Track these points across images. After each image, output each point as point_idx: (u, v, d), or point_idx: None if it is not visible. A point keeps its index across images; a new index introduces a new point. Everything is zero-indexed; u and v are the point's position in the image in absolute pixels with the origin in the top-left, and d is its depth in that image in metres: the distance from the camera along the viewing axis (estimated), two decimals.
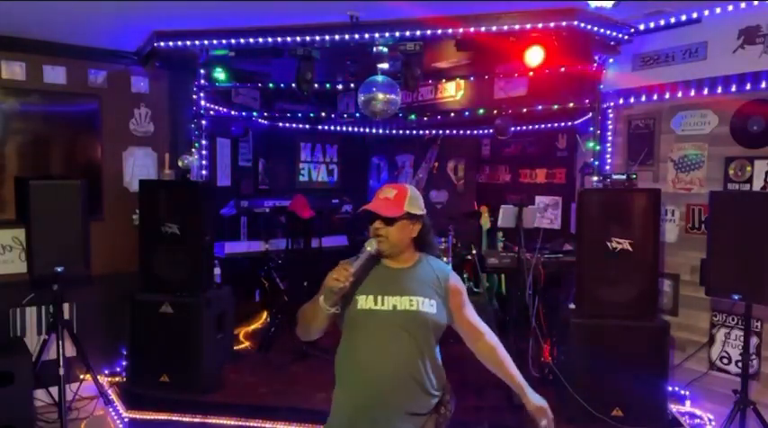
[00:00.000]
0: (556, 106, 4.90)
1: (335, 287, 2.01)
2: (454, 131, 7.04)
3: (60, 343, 3.95)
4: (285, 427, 3.84)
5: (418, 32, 4.02)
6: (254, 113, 6.41)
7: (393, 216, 2.18)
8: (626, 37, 4.21)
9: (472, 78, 5.58)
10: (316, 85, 4.53)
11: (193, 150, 5.02)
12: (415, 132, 7.18)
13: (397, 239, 2.20)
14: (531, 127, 6.18)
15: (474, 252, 4.76)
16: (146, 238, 4.49)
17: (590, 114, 4.61)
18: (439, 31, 4.00)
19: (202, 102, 5.15)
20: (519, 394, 2.29)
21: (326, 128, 7.26)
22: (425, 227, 2.28)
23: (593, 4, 3.54)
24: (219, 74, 5.00)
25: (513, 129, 5.77)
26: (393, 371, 2.12)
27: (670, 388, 3.98)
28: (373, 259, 2.21)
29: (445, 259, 6.31)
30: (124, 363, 4.74)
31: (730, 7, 3.80)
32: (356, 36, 4.11)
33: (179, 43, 4.42)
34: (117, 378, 4.70)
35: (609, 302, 3.86)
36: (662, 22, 4.12)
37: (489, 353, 2.35)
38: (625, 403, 3.77)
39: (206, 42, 4.40)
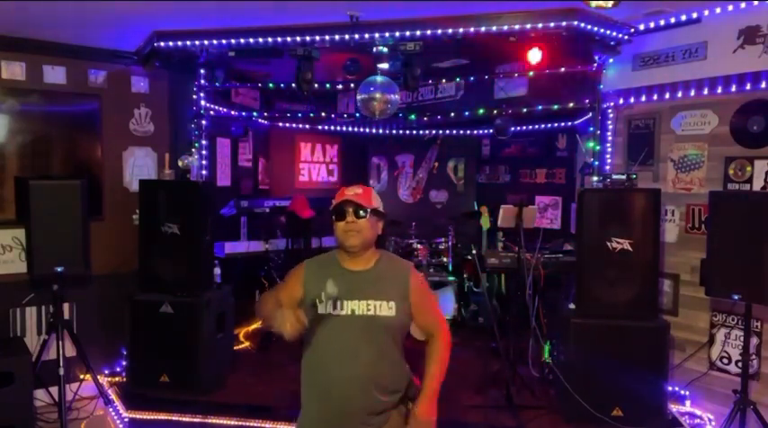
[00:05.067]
0: (556, 106, 4.90)
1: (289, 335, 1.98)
2: (454, 131, 7.04)
3: (60, 343, 3.95)
4: (285, 427, 3.84)
5: (418, 32, 4.03)
6: (254, 113, 6.42)
7: (368, 206, 2.20)
8: (626, 37, 4.21)
9: (472, 78, 5.58)
10: (316, 85, 4.53)
11: (193, 150, 5.01)
12: (415, 132, 7.18)
13: (367, 235, 2.21)
14: (531, 127, 6.18)
15: (474, 252, 4.76)
16: (146, 238, 4.49)
17: (590, 114, 4.61)
18: (439, 31, 4.00)
19: (202, 102, 5.14)
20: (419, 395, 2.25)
21: (326, 128, 7.27)
22: (385, 228, 2.30)
23: (593, 4, 3.54)
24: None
25: (513, 129, 5.77)
26: (353, 376, 2.14)
27: (670, 388, 3.98)
28: (334, 262, 2.25)
29: (445, 259, 6.35)
30: (124, 363, 4.74)
31: (730, 7, 3.80)
32: (356, 36, 4.11)
33: (179, 43, 4.42)
34: (117, 378, 4.70)
35: (609, 302, 3.86)
36: (662, 22, 4.12)
37: (430, 354, 2.31)
38: (625, 403, 3.77)
39: (206, 42, 4.40)
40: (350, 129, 7.23)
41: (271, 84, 5.36)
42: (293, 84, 4.42)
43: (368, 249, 2.26)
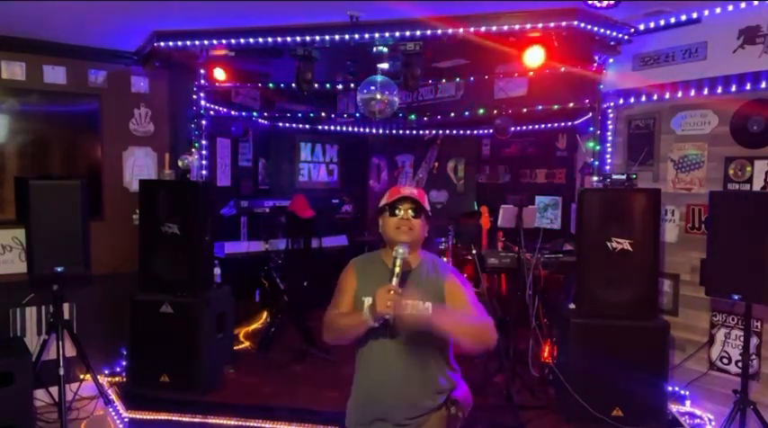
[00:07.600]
0: (556, 106, 4.90)
1: (387, 313, 2.02)
2: (454, 131, 7.04)
3: (60, 343, 3.95)
4: (285, 427, 3.84)
5: (418, 32, 4.02)
6: (254, 113, 6.42)
7: (424, 206, 2.25)
8: (626, 37, 4.21)
9: (472, 78, 5.58)
10: (316, 85, 4.53)
11: (193, 150, 5.01)
12: (415, 132, 7.18)
13: (419, 233, 2.25)
14: (531, 127, 6.18)
15: (474, 252, 4.75)
16: (146, 238, 4.49)
17: (590, 114, 4.61)
18: (439, 31, 3.99)
19: (202, 102, 5.14)
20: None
21: (326, 128, 7.27)
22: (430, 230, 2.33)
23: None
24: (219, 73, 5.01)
25: (513, 129, 5.77)
26: (389, 371, 2.21)
27: (670, 388, 3.98)
28: (379, 261, 2.29)
29: (445, 259, 6.34)
30: (124, 363, 4.74)
31: (730, 7, 3.80)
32: (356, 36, 4.11)
33: (179, 43, 4.42)
34: (117, 378, 4.70)
35: (609, 302, 3.86)
36: (662, 22, 4.12)
37: None
38: (625, 403, 3.77)
39: (206, 42, 4.40)
40: (350, 128, 7.23)
41: (271, 84, 5.36)
42: (293, 84, 4.42)
43: (415, 249, 2.28)
